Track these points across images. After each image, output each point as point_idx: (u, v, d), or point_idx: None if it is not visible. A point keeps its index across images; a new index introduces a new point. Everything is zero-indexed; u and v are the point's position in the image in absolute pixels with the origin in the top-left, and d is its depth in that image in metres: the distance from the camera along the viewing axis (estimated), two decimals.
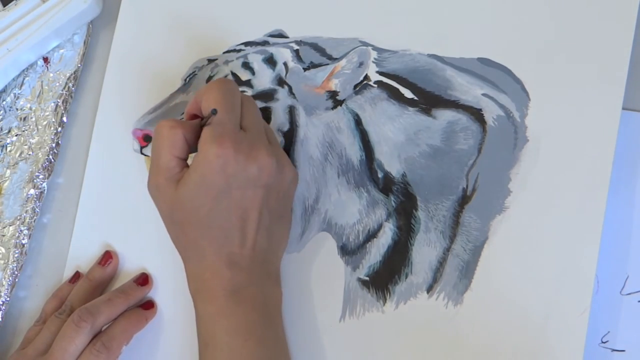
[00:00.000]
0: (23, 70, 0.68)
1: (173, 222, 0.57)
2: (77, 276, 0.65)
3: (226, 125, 0.54)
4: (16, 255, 0.65)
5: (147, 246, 0.64)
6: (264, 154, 0.54)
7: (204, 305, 0.56)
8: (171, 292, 0.63)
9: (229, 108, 0.55)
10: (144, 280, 0.63)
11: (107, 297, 0.61)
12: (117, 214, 0.65)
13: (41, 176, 0.66)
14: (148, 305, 0.63)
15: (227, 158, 0.53)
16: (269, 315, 0.57)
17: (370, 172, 0.62)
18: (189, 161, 0.56)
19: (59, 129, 0.67)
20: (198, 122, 0.56)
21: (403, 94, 0.62)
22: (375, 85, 0.63)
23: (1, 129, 0.68)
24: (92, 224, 0.66)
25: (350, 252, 0.61)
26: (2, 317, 0.64)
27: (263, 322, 0.56)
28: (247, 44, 0.66)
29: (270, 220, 0.56)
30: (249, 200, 0.55)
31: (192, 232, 0.55)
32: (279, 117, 0.63)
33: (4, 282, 0.64)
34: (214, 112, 0.54)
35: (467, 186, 0.60)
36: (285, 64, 0.64)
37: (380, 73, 0.63)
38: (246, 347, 0.55)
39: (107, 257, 0.64)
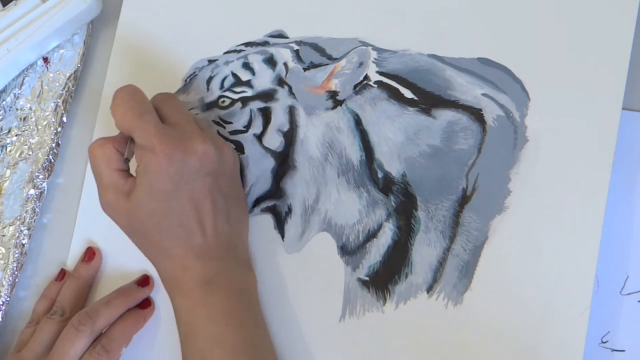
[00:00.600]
0: (23, 70, 0.68)
1: (134, 232, 0.58)
2: (63, 274, 0.65)
3: (147, 130, 0.54)
4: (16, 255, 0.65)
5: None
6: (200, 143, 0.55)
7: (180, 299, 0.57)
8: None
9: (138, 114, 0.55)
10: (144, 281, 0.64)
11: (106, 299, 0.61)
12: None
13: (41, 176, 0.66)
14: (145, 305, 0.63)
15: (165, 159, 0.54)
16: (245, 299, 0.58)
17: (370, 172, 0.62)
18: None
19: (59, 129, 0.67)
20: (123, 134, 0.57)
21: (403, 94, 0.62)
22: (375, 85, 0.63)
23: (1, 129, 0.68)
24: (92, 224, 0.66)
25: (350, 252, 0.61)
26: (2, 317, 0.64)
27: (241, 307, 0.57)
28: (247, 44, 0.66)
29: (225, 204, 0.57)
30: (199, 191, 0.55)
31: (154, 237, 0.56)
32: (279, 117, 0.63)
33: (4, 282, 0.64)
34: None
35: (467, 186, 0.60)
36: (285, 64, 0.64)
37: (380, 73, 0.63)
38: (227, 332, 0.55)
39: (90, 253, 0.65)
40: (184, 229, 0.56)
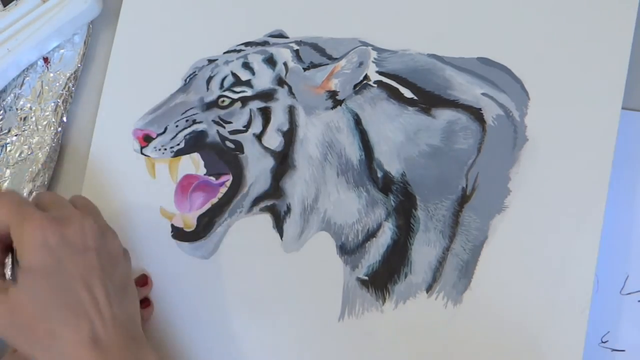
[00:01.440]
0: (23, 71, 0.68)
1: (18, 330, 0.50)
2: None
3: (20, 210, 0.50)
4: None
5: (147, 246, 0.64)
6: (77, 216, 0.52)
7: None
8: (171, 291, 0.63)
9: (12, 203, 0.51)
10: (143, 281, 0.63)
11: None
12: (117, 214, 0.65)
13: (41, 176, 0.66)
14: (145, 304, 0.63)
15: (42, 230, 0.49)
16: None
17: (369, 172, 0.62)
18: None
19: (59, 129, 0.67)
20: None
21: (403, 94, 0.62)
22: (375, 85, 0.63)
23: (1, 129, 0.68)
24: None
25: (349, 251, 0.61)
26: None
27: None
28: (247, 44, 0.66)
29: (114, 290, 0.52)
30: (86, 266, 0.51)
31: (43, 326, 0.49)
32: (279, 117, 0.63)
33: None
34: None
35: (466, 185, 0.60)
36: (285, 64, 0.64)
37: (380, 73, 0.63)
38: None
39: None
40: (77, 311, 0.49)
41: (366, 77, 0.63)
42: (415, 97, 0.62)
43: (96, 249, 0.52)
